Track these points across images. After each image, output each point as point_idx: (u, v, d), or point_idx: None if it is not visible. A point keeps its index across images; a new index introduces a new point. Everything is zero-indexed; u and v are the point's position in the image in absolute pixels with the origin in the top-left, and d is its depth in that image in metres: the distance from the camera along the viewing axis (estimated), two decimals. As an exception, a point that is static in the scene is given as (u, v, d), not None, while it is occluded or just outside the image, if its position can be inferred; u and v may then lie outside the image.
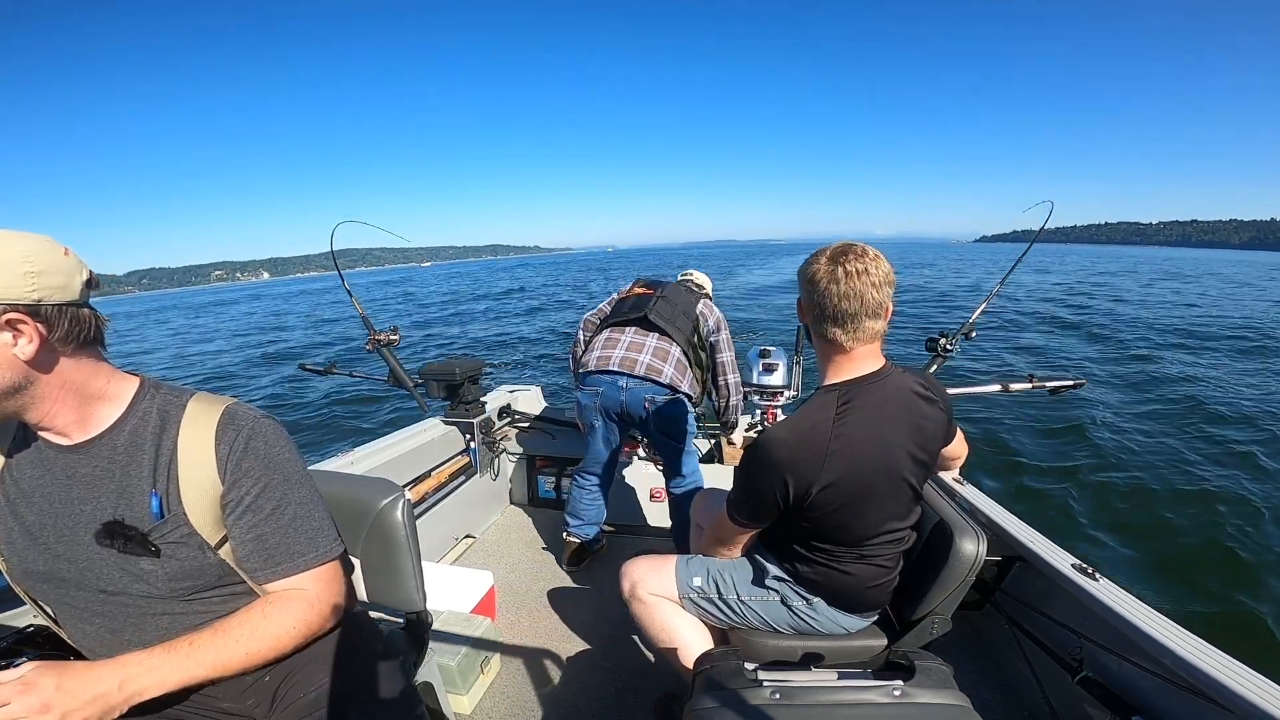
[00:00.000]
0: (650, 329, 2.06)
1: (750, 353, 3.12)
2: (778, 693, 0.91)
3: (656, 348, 2.01)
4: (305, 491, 0.89)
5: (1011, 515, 1.60)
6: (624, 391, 1.97)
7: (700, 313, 2.12)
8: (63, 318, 0.72)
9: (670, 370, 1.98)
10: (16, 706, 0.64)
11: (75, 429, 0.79)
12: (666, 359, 2.00)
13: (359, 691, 0.93)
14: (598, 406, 2.04)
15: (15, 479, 0.81)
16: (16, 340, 0.68)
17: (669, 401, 1.98)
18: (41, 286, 0.69)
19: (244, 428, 0.84)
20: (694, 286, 2.30)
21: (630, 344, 2.03)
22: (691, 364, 2.07)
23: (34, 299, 0.68)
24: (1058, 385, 2.15)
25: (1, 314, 0.66)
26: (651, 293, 2.13)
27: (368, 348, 2.50)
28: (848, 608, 1.22)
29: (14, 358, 0.69)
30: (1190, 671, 1.01)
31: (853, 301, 1.02)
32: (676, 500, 2.15)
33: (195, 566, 0.82)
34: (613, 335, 2.08)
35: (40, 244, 0.70)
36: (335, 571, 0.92)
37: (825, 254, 1.06)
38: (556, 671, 1.76)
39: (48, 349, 0.72)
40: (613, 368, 1.99)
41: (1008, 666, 1.66)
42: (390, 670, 0.99)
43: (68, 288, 0.72)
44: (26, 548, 0.80)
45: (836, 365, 1.11)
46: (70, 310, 0.73)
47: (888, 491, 1.10)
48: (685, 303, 2.11)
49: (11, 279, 0.66)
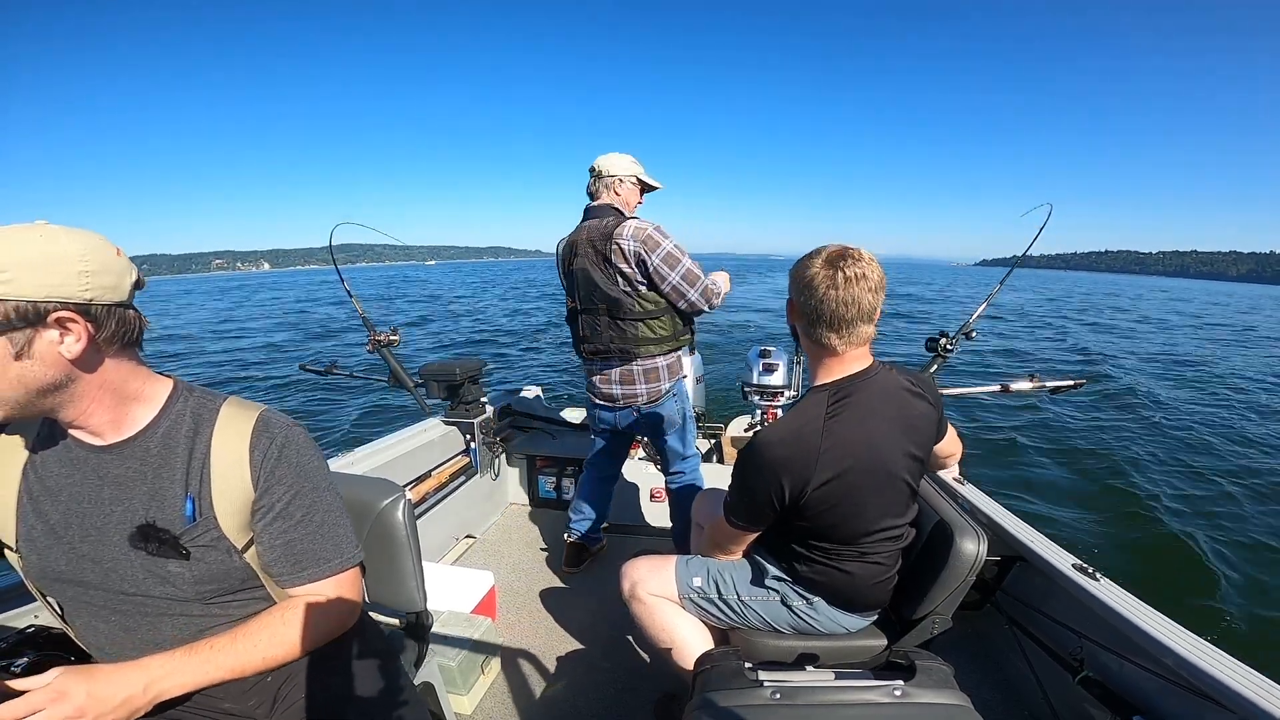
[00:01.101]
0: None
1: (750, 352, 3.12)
2: (778, 693, 0.91)
3: (621, 372, 1.95)
4: (332, 499, 0.90)
5: (1012, 515, 1.60)
6: (614, 414, 2.04)
7: (622, 270, 1.79)
8: (111, 318, 0.72)
9: (643, 387, 1.95)
10: (50, 714, 0.64)
11: (109, 429, 0.79)
12: (634, 380, 1.94)
13: (360, 692, 0.93)
14: (595, 415, 2.11)
15: (40, 476, 0.81)
16: (64, 338, 0.68)
17: (656, 405, 1.98)
18: (94, 286, 0.69)
19: (278, 436, 0.85)
20: (608, 214, 1.86)
21: (600, 378, 2.00)
22: (654, 328, 1.88)
23: (86, 298, 0.68)
24: (1058, 385, 2.15)
25: (53, 312, 0.66)
26: (574, 305, 1.97)
27: (368, 348, 2.52)
28: (848, 607, 1.22)
29: (59, 355, 0.69)
30: (1191, 671, 1.01)
31: (850, 307, 1.02)
32: (676, 497, 2.15)
33: (221, 570, 0.83)
34: (586, 367, 2.06)
35: (94, 242, 0.70)
36: (356, 577, 0.93)
37: (821, 256, 1.04)
38: (556, 671, 1.76)
39: (93, 349, 0.72)
40: (599, 402, 2.04)
41: (1008, 666, 1.66)
42: (391, 670, 0.99)
43: (118, 288, 0.72)
44: (48, 546, 0.80)
45: (827, 366, 1.12)
46: (119, 311, 0.73)
47: (883, 488, 1.10)
48: (604, 279, 1.83)
49: (66, 277, 0.66)
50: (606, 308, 1.87)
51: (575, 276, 1.91)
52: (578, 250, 1.88)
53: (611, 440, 2.18)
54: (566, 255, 1.95)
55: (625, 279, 1.81)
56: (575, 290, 1.93)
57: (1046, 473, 4.78)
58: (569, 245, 1.94)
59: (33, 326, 0.66)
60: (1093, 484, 4.52)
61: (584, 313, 1.93)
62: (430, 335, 14.30)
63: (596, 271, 1.84)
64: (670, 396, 1.99)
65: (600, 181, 1.90)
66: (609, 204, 1.89)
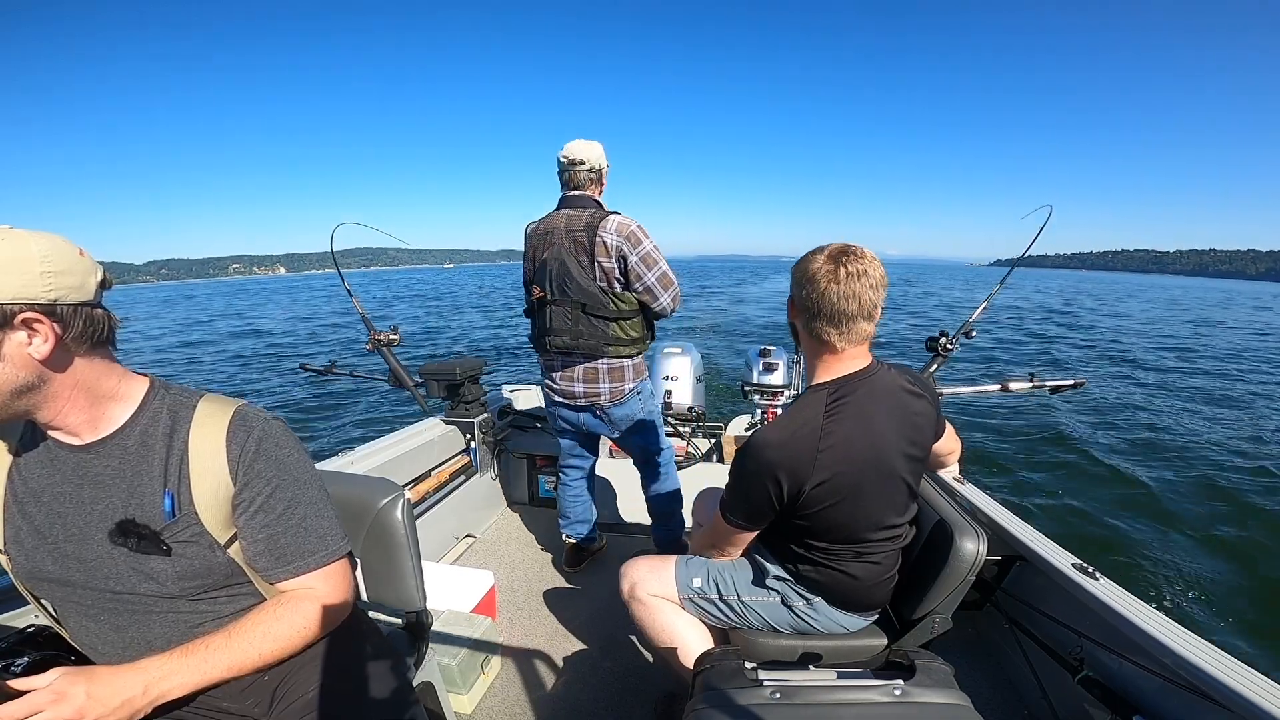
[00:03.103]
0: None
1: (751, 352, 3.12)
2: (778, 692, 0.91)
3: (585, 370, 1.88)
4: (314, 491, 0.90)
5: (1012, 515, 1.60)
6: (576, 414, 1.98)
7: (602, 265, 1.74)
8: (78, 317, 0.72)
9: (606, 386, 1.89)
10: (50, 715, 0.65)
11: (86, 429, 0.79)
12: (598, 378, 1.88)
13: (358, 691, 0.93)
14: (556, 414, 2.03)
15: (24, 478, 0.81)
16: (32, 339, 0.69)
17: (620, 404, 1.93)
18: (58, 286, 0.69)
19: (255, 429, 0.85)
20: (589, 205, 1.81)
21: (561, 374, 1.92)
22: (626, 329, 1.84)
23: (50, 298, 0.69)
24: (1058, 385, 2.15)
25: (18, 313, 0.67)
26: (543, 295, 1.84)
27: (368, 348, 2.52)
28: (848, 607, 1.22)
29: (29, 357, 0.69)
30: (1190, 671, 1.01)
31: (851, 302, 1.02)
32: (650, 499, 2.12)
33: (204, 566, 0.83)
34: (547, 367, 1.97)
35: (57, 244, 0.70)
36: (344, 569, 0.93)
37: (824, 253, 1.05)
38: (556, 671, 1.76)
39: (62, 349, 0.72)
40: (558, 400, 1.97)
41: (1008, 666, 1.66)
42: (390, 670, 0.99)
43: (83, 288, 0.73)
44: (35, 547, 0.81)
45: (826, 364, 1.11)
46: (85, 310, 0.73)
47: (881, 487, 1.10)
48: (581, 272, 1.77)
49: (29, 278, 0.67)
50: (581, 302, 1.79)
51: (549, 266, 1.80)
52: (553, 239, 1.79)
53: (577, 439, 2.12)
54: (539, 243, 1.83)
55: (604, 274, 1.76)
56: (547, 280, 1.82)
57: (1046, 472, 4.78)
58: (543, 233, 1.82)
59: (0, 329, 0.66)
60: (1093, 483, 4.52)
61: (555, 304, 1.82)
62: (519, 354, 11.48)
63: (573, 263, 1.76)
64: (634, 395, 1.94)
65: (587, 171, 1.82)
66: (591, 195, 1.84)
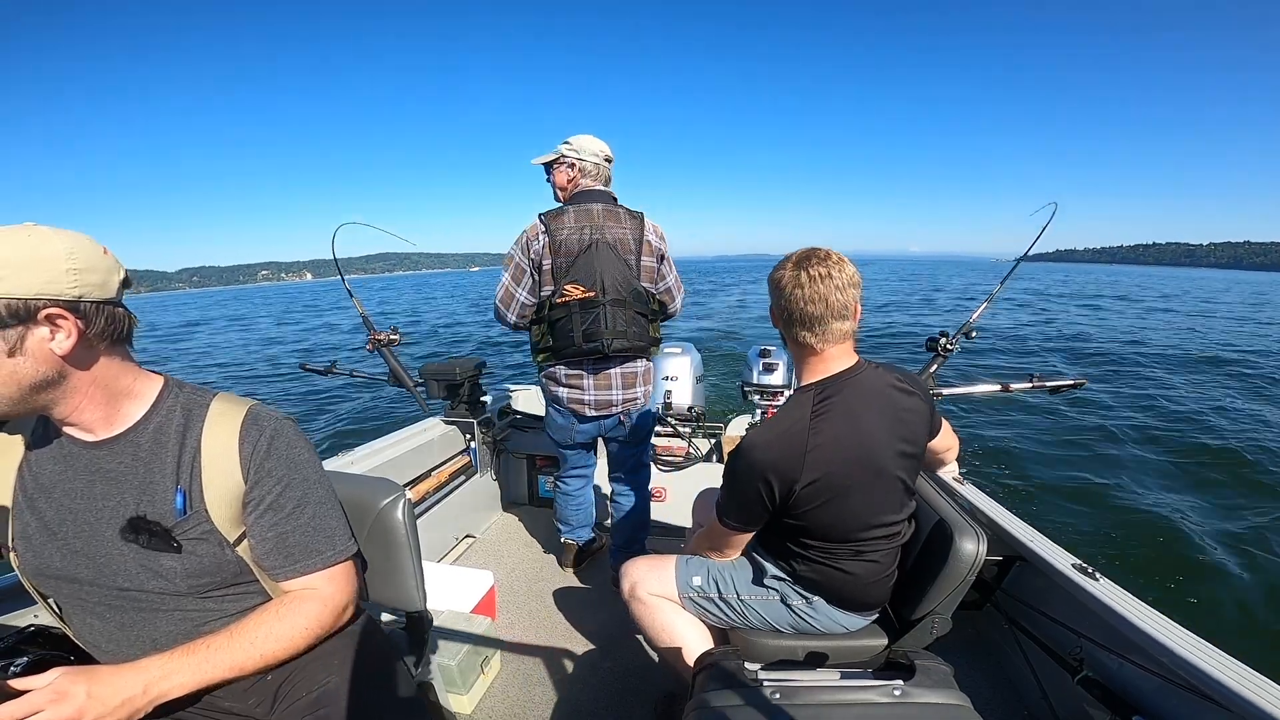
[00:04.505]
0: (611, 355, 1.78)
1: (750, 352, 3.12)
2: (778, 692, 0.91)
3: (624, 374, 1.81)
4: (323, 491, 0.91)
5: (1012, 515, 1.60)
6: (600, 426, 1.92)
7: (645, 264, 1.76)
8: (100, 315, 0.73)
9: (642, 389, 1.87)
10: (50, 714, 0.65)
11: (101, 425, 0.80)
12: (636, 381, 1.84)
13: (359, 691, 0.93)
14: (573, 429, 1.93)
15: (35, 473, 0.81)
16: (54, 335, 0.70)
17: (644, 409, 1.93)
18: (82, 283, 0.70)
19: (267, 428, 0.86)
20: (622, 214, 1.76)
21: (597, 384, 1.81)
22: (656, 330, 1.87)
23: (75, 295, 0.70)
24: (1058, 385, 2.15)
25: (43, 309, 0.68)
26: (594, 295, 1.71)
27: (368, 348, 2.52)
28: (847, 606, 1.23)
29: (50, 352, 0.70)
30: (1190, 671, 1.01)
31: (818, 305, 1.06)
32: (633, 514, 2.07)
33: (214, 563, 0.83)
34: (573, 375, 1.82)
35: (81, 242, 0.71)
36: (350, 570, 0.94)
37: (790, 260, 1.10)
38: (556, 671, 1.76)
39: (84, 345, 0.73)
40: (589, 414, 1.85)
41: (1008, 666, 1.66)
42: (390, 670, 0.99)
43: (106, 285, 0.74)
44: (43, 543, 0.81)
45: (811, 366, 1.14)
46: (107, 308, 0.74)
47: (874, 484, 1.11)
48: (628, 271, 1.73)
49: (54, 275, 0.68)
50: (634, 302, 1.75)
51: (596, 265, 1.70)
52: (597, 235, 1.71)
53: (583, 449, 2.06)
54: (572, 239, 1.71)
55: (647, 274, 1.79)
56: (595, 280, 1.70)
57: (1046, 472, 4.77)
58: (576, 228, 1.71)
59: (24, 324, 0.67)
60: (1093, 483, 4.52)
61: (612, 304, 1.72)
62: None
63: (623, 262, 1.73)
64: (649, 399, 1.95)
65: (610, 167, 1.84)
66: (610, 192, 1.84)
